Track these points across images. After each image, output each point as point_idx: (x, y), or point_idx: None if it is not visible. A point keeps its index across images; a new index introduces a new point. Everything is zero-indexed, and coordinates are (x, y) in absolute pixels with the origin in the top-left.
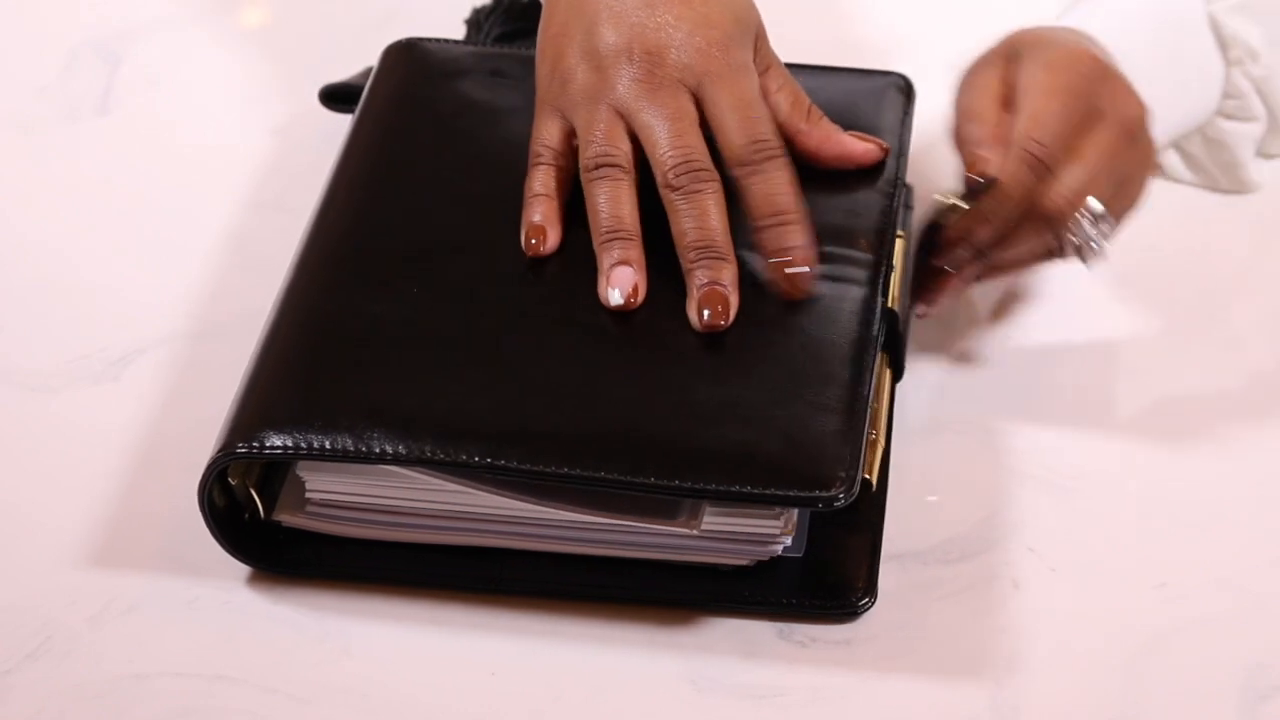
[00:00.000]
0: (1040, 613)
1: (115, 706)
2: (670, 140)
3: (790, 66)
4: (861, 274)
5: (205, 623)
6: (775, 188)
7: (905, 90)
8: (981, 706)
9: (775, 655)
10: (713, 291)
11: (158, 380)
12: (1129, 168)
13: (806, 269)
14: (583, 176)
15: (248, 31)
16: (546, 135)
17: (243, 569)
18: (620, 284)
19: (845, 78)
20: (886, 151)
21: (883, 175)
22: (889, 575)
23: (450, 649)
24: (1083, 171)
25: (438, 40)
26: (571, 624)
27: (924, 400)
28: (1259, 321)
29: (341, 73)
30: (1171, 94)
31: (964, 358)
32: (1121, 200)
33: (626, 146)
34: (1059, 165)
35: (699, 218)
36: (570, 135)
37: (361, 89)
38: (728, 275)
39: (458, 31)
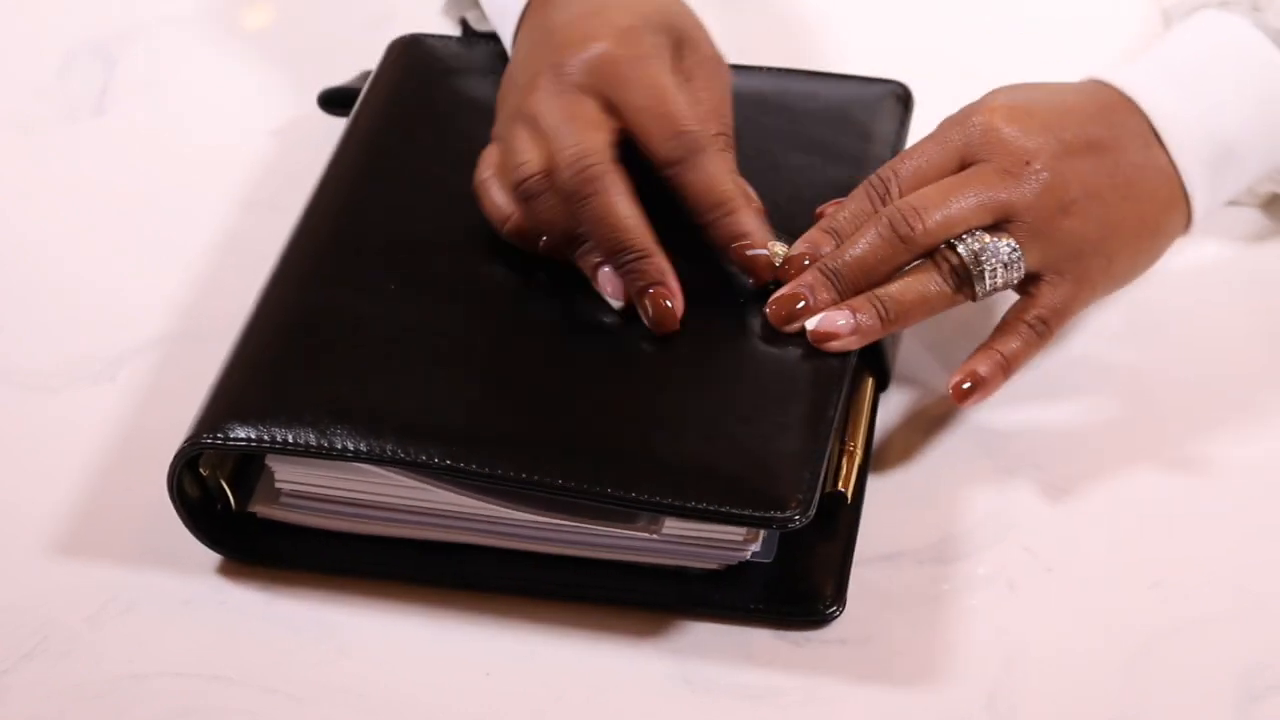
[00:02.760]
0: (1036, 613)
1: (114, 706)
2: (559, 149)
3: (789, 72)
4: None
5: (203, 622)
6: (709, 178)
7: (903, 99)
8: (977, 707)
9: (771, 655)
10: (655, 297)
11: (156, 380)
12: (1029, 203)
13: (764, 250)
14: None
15: (245, 32)
16: (487, 158)
17: (239, 568)
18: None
19: (843, 84)
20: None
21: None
22: (884, 575)
23: (447, 649)
24: (934, 192)
25: (442, 37)
26: (564, 624)
27: (918, 399)
28: (1256, 320)
29: (340, 72)
30: (1268, 115)
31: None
32: (1035, 230)
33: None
34: (904, 187)
35: (595, 221)
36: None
37: (359, 93)
38: (653, 269)
39: (455, 33)
